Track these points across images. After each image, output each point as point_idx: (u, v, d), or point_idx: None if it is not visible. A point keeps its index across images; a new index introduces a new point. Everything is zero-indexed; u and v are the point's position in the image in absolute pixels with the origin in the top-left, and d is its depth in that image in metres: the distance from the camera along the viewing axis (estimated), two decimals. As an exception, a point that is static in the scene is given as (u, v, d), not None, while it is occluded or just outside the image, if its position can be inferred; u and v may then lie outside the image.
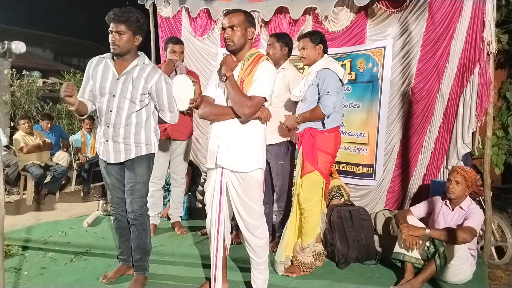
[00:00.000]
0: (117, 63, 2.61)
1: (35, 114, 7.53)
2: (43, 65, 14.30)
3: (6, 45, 1.75)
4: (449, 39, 3.72)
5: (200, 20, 4.91)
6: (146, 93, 2.59)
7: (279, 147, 3.35)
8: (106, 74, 2.60)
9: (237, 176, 2.40)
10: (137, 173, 2.65)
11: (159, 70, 2.68)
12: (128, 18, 2.49)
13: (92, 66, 2.65)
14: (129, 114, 2.58)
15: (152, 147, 2.71)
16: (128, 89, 2.56)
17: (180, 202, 4.11)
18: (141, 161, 2.66)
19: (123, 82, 2.57)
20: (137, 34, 2.56)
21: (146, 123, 2.66)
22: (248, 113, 2.32)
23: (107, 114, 2.60)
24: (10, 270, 2.90)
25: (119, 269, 2.88)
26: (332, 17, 4.26)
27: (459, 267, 2.80)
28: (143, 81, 2.57)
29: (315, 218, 3.00)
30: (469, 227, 2.77)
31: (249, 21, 2.42)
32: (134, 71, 2.58)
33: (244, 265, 2.92)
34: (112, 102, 2.58)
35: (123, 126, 2.59)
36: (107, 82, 2.59)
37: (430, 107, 3.89)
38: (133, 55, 2.61)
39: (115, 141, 2.61)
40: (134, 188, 2.66)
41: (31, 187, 5.40)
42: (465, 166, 3.20)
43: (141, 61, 2.62)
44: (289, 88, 3.27)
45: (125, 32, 2.49)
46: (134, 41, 2.56)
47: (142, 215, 2.70)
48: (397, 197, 4.12)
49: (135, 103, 2.58)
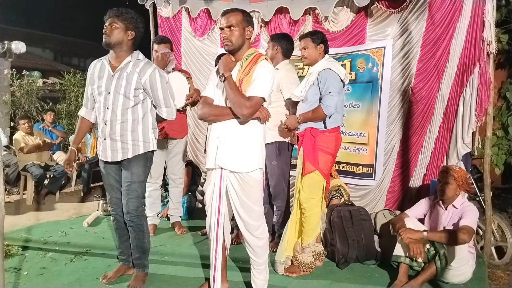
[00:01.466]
0: (112, 61, 2.65)
1: (35, 114, 7.54)
2: (43, 65, 14.28)
3: (6, 45, 1.75)
4: (449, 39, 3.72)
5: (200, 20, 4.91)
6: (140, 88, 2.61)
7: (272, 147, 3.32)
8: (102, 73, 2.66)
9: (237, 177, 2.40)
10: (133, 172, 2.66)
11: (153, 65, 2.70)
12: (122, 13, 2.59)
13: (91, 69, 2.73)
14: (124, 110, 2.60)
15: (150, 145, 2.71)
16: (121, 85, 2.59)
17: (179, 202, 4.11)
18: (137, 160, 2.66)
19: (117, 79, 2.60)
20: (130, 30, 2.60)
21: (143, 120, 2.67)
22: (247, 114, 2.31)
23: (104, 112, 2.63)
24: (10, 270, 2.91)
25: (119, 269, 2.89)
26: (332, 17, 4.25)
27: (460, 268, 2.79)
28: (136, 75, 2.59)
29: (315, 218, 3.00)
30: (466, 226, 2.76)
31: (247, 20, 2.41)
32: (128, 66, 2.62)
33: (244, 265, 2.92)
34: (108, 99, 2.61)
35: (119, 123, 2.61)
36: (103, 81, 2.63)
37: (430, 107, 3.89)
38: (127, 51, 2.64)
39: (112, 139, 2.63)
40: (129, 188, 2.66)
41: (31, 187, 5.41)
42: (454, 166, 3.20)
43: (134, 57, 2.65)
44: (280, 88, 3.26)
45: (117, 24, 2.57)
46: (126, 35, 2.60)
47: (138, 216, 2.70)
48: (397, 197, 4.11)
49: (129, 98, 2.59)
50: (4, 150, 5.87)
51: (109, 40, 2.57)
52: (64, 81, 8.58)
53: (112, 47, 2.61)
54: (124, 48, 2.62)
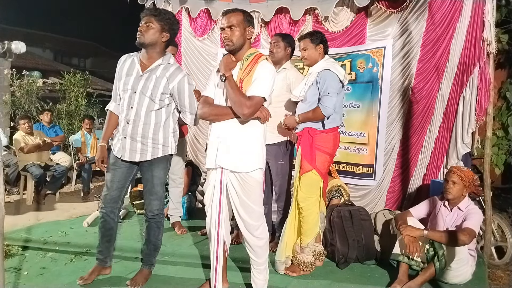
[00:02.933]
0: (143, 60, 2.62)
1: (35, 114, 7.54)
2: (43, 65, 14.26)
3: (6, 45, 1.75)
4: (449, 39, 3.73)
5: (200, 20, 4.92)
6: (167, 93, 2.59)
7: (278, 146, 3.35)
8: (131, 71, 2.62)
9: (237, 177, 2.40)
10: (155, 174, 2.67)
11: (183, 71, 2.68)
12: (159, 13, 2.55)
13: (120, 64, 2.69)
14: (148, 112, 2.59)
15: (169, 149, 2.70)
16: (149, 87, 2.57)
17: (179, 202, 4.11)
18: (158, 163, 2.67)
19: (146, 79, 2.58)
20: (165, 31, 2.56)
21: (165, 124, 2.65)
22: (247, 113, 2.31)
23: (128, 110, 2.61)
24: (10, 270, 2.90)
25: (95, 269, 2.80)
26: (332, 17, 4.26)
27: (459, 269, 2.79)
28: (165, 80, 2.57)
29: (313, 218, 3.00)
30: (468, 228, 2.76)
31: (247, 20, 2.42)
32: (158, 69, 2.59)
33: (244, 265, 2.92)
34: (133, 98, 2.59)
35: (142, 124, 2.60)
36: (131, 79, 2.60)
37: (430, 107, 3.89)
38: (159, 53, 2.61)
39: (133, 138, 2.61)
40: (152, 190, 2.69)
41: (31, 187, 5.41)
42: (462, 166, 3.20)
43: (165, 60, 2.62)
44: (290, 89, 3.28)
45: (153, 24, 2.52)
46: (160, 36, 2.56)
47: (158, 215, 2.75)
48: (397, 197, 4.12)
49: (154, 101, 2.58)
50: (4, 150, 5.88)
51: (143, 40, 2.52)
52: (64, 81, 8.59)
53: (145, 47, 2.57)
54: (157, 50, 2.59)
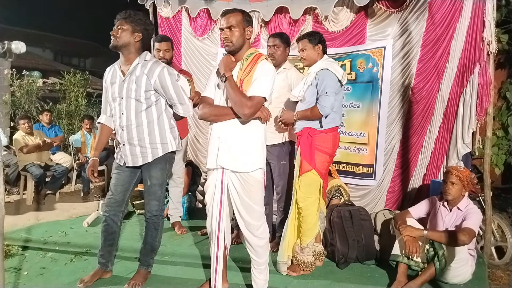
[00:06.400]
0: (122, 66, 2.65)
1: (35, 114, 7.54)
2: (43, 65, 14.25)
3: (6, 45, 1.75)
4: (449, 39, 3.72)
5: (200, 20, 4.91)
6: (151, 90, 2.60)
7: (281, 147, 3.35)
8: (114, 79, 2.67)
9: (238, 176, 2.40)
10: (152, 175, 2.68)
11: (161, 63, 2.68)
12: (129, 15, 2.58)
13: (105, 77, 2.75)
14: (137, 114, 2.60)
15: (169, 145, 2.70)
16: (132, 89, 2.59)
17: (179, 202, 4.11)
18: (156, 163, 2.67)
19: (128, 83, 2.60)
20: (137, 31, 2.59)
21: (159, 121, 2.66)
22: (248, 113, 2.31)
23: (120, 117, 2.65)
24: (10, 270, 2.91)
25: (96, 272, 2.80)
26: (332, 17, 4.25)
27: (459, 269, 2.79)
28: (145, 77, 2.58)
29: (313, 218, 3.00)
30: (468, 228, 2.76)
31: (247, 20, 2.42)
32: (136, 69, 2.60)
33: (245, 265, 2.92)
34: (122, 104, 2.63)
35: (135, 127, 2.62)
36: (116, 86, 2.65)
37: (430, 107, 3.89)
38: (135, 53, 2.63)
39: (131, 144, 2.64)
40: (149, 190, 2.70)
41: (31, 187, 5.41)
42: (459, 166, 3.20)
43: (142, 58, 2.63)
44: (291, 88, 3.28)
45: (124, 26, 2.56)
46: (132, 37, 2.58)
47: (157, 216, 2.76)
48: (397, 197, 4.12)
49: (140, 101, 2.59)
50: (4, 150, 5.88)
51: (116, 42, 2.56)
52: (64, 81, 8.58)
53: (120, 49, 2.60)
54: (132, 50, 2.61)
